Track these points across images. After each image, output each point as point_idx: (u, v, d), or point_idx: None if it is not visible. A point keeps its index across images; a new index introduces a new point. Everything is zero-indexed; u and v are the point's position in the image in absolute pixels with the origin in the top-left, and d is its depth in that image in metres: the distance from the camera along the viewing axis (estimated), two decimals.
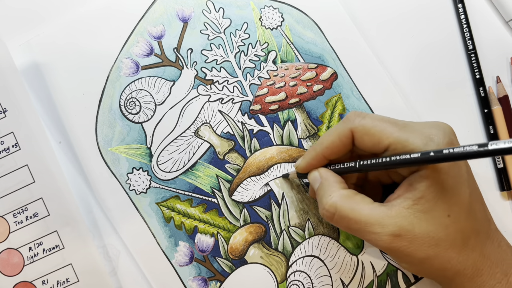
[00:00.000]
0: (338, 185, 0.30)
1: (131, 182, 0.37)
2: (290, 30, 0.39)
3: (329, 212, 0.29)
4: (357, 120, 0.30)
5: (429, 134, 0.28)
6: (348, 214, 0.28)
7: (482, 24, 0.40)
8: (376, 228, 0.27)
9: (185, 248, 0.36)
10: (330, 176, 0.31)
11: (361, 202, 0.29)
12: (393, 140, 0.28)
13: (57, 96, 0.37)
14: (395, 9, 0.40)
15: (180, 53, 0.38)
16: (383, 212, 0.28)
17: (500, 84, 0.39)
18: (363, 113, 0.30)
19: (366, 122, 0.29)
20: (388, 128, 0.28)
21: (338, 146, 0.31)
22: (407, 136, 0.28)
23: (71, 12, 0.39)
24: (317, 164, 0.32)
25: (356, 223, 0.28)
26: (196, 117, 0.38)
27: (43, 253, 0.35)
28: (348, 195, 0.29)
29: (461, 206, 0.28)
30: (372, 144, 0.29)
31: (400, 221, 0.27)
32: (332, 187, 0.30)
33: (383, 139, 0.28)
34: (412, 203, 0.27)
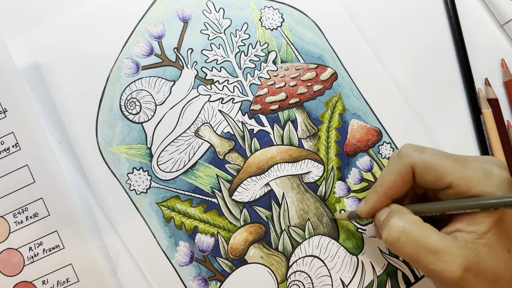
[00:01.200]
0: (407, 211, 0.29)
1: (132, 182, 0.37)
2: (290, 31, 0.39)
3: (396, 232, 0.28)
4: (415, 155, 0.29)
5: (490, 169, 0.28)
6: (417, 237, 0.27)
7: (477, 27, 0.40)
8: (445, 256, 0.27)
9: (185, 248, 0.36)
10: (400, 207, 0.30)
11: (430, 229, 0.28)
12: (456, 176, 0.27)
13: (57, 96, 0.37)
14: (395, 10, 0.40)
15: (181, 53, 0.38)
16: (452, 241, 0.27)
17: (489, 87, 0.39)
18: (419, 146, 0.29)
19: (426, 157, 0.29)
20: (450, 163, 0.28)
21: (400, 184, 0.30)
22: (470, 172, 0.27)
23: (72, 12, 0.39)
24: (381, 206, 0.31)
25: (424, 248, 0.27)
26: (196, 117, 0.38)
27: (43, 253, 0.35)
28: (418, 220, 0.29)
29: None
30: (434, 180, 0.28)
31: (468, 253, 0.27)
32: (401, 212, 0.29)
33: (446, 175, 0.28)
34: (476, 237, 0.27)
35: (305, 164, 0.38)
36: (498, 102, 0.39)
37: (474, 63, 0.40)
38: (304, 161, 0.38)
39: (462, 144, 0.39)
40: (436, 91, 0.40)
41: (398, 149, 0.31)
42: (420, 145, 0.30)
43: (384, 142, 0.38)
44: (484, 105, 0.39)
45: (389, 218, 0.29)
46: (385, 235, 0.29)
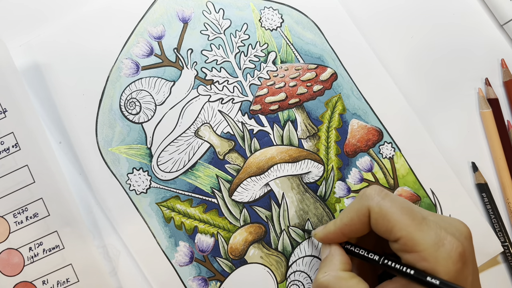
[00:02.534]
0: (340, 265, 0.30)
1: (131, 182, 0.37)
2: (290, 31, 0.39)
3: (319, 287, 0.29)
4: (375, 200, 0.29)
5: (443, 238, 0.27)
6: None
7: (477, 27, 0.40)
8: None
9: (185, 248, 0.36)
10: (337, 253, 0.31)
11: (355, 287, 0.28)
12: (405, 235, 0.27)
13: (57, 96, 0.37)
14: (394, 9, 0.40)
15: (180, 53, 0.38)
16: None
17: (489, 87, 0.39)
18: (384, 192, 0.29)
19: (384, 205, 0.28)
20: (404, 220, 0.27)
21: (356, 224, 0.30)
22: (420, 235, 0.27)
23: (71, 12, 0.39)
24: (334, 239, 0.31)
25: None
26: (196, 117, 0.38)
27: (43, 253, 0.35)
28: (343, 278, 0.29)
29: None
30: (385, 230, 0.28)
31: None
32: (332, 265, 0.30)
33: (396, 230, 0.27)
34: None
35: (305, 164, 0.38)
36: (498, 102, 0.39)
37: (474, 63, 0.40)
38: (304, 161, 0.38)
39: (462, 143, 0.39)
40: (436, 90, 0.40)
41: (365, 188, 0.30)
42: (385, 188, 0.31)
43: (385, 141, 0.38)
44: (484, 105, 0.39)
45: (320, 267, 0.30)
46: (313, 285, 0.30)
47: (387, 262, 0.29)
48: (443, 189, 0.38)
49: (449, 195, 0.38)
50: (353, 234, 0.31)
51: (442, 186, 0.38)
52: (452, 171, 0.38)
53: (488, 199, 0.38)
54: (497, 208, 0.38)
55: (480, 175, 0.38)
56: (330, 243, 0.32)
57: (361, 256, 0.30)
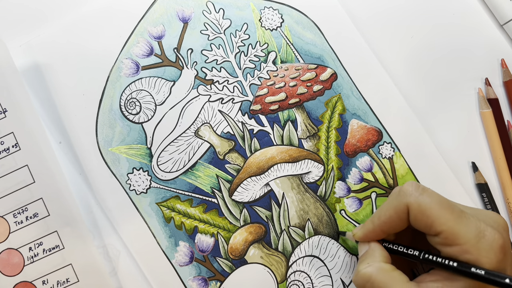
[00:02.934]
0: (381, 258, 0.30)
1: (131, 182, 0.37)
2: (290, 31, 0.39)
3: (362, 279, 0.29)
4: (413, 196, 0.29)
5: (484, 230, 0.27)
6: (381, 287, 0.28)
7: (477, 27, 0.40)
8: None
9: (185, 248, 0.36)
10: (378, 248, 0.31)
11: (397, 279, 0.28)
12: (446, 229, 0.27)
13: (57, 96, 0.37)
14: (394, 9, 0.40)
15: (180, 53, 0.38)
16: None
17: (489, 87, 0.39)
18: (421, 187, 0.29)
19: (423, 201, 0.28)
20: (444, 214, 0.28)
21: (395, 221, 0.30)
22: (461, 228, 0.27)
23: (71, 12, 0.39)
24: (374, 237, 0.32)
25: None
26: (196, 117, 0.38)
27: (43, 253, 0.35)
28: (386, 269, 0.29)
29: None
30: (425, 225, 0.28)
31: None
32: (374, 257, 0.30)
33: (436, 225, 0.28)
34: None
35: (305, 164, 0.38)
36: (498, 102, 0.39)
37: (474, 63, 0.40)
38: (304, 161, 0.38)
39: (462, 143, 0.39)
40: (435, 90, 0.40)
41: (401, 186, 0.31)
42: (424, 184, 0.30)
43: (384, 142, 0.38)
44: (484, 105, 0.39)
45: (361, 260, 0.30)
46: (354, 278, 0.30)
47: (428, 257, 0.29)
48: (442, 189, 0.38)
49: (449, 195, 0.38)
50: (392, 231, 0.31)
51: (441, 186, 0.38)
52: (452, 171, 0.38)
53: (488, 199, 0.38)
54: (497, 208, 0.38)
55: (480, 175, 0.38)
56: (369, 241, 0.32)
57: (400, 253, 0.31)
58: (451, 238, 0.27)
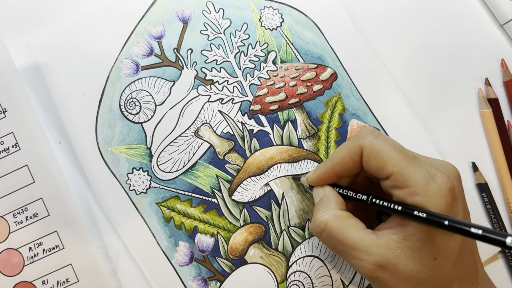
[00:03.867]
0: (336, 205, 0.30)
1: (131, 182, 0.37)
2: (290, 31, 0.39)
3: (318, 228, 0.29)
4: (368, 139, 0.29)
5: (433, 174, 0.27)
6: (336, 235, 0.29)
7: (477, 27, 0.40)
8: (362, 254, 0.28)
9: (185, 248, 0.36)
10: (332, 194, 0.31)
11: (353, 226, 0.29)
12: (397, 170, 0.28)
13: (57, 96, 0.37)
14: (394, 9, 0.40)
15: (180, 53, 0.38)
16: (371, 240, 0.28)
17: (489, 87, 0.39)
18: (376, 132, 0.30)
19: (376, 143, 0.29)
20: (396, 157, 0.28)
21: (348, 162, 0.30)
22: (412, 171, 0.27)
23: (71, 12, 0.39)
24: (326, 179, 0.32)
25: (342, 245, 0.28)
26: (196, 117, 0.38)
27: (43, 253, 0.35)
28: (341, 217, 0.29)
29: (450, 252, 0.28)
30: (377, 167, 0.29)
31: (386, 253, 0.27)
32: (329, 205, 0.30)
33: (388, 166, 0.28)
34: (402, 238, 0.27)
35: (304, 164, 0.38)
36: (498, 102, 0.39)
37: (474, 63, 0.40)
38: (304, 161, 0.38)
39: (462, 143, 0.39)
40: (435, 90, 0.40)
41: None
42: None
43: None
44: (484, 105, 0.39)
45: (317, 209, 0.30)
46: (311, 226, 0.30)
47: (375, 201, 0.29)
48: None
49: None
50: (344, 173, 0.31)
51: None
52: None
53: (488, 199, 0.38)
54: (497, 208, 0.38)
55: (480, 175, 0.38)
56: (322, 184, 0.32)
57: (350, 198, 0.31)
58: (401, 179, 0.28)
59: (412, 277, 0.27)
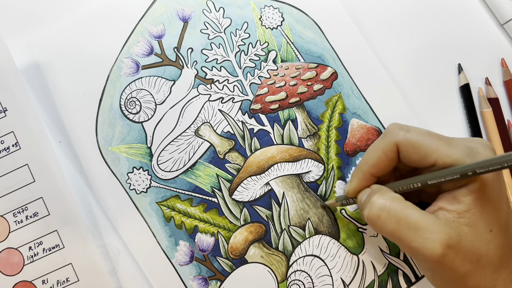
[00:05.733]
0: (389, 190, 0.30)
1: (132, 182, 0.37)
2: (290, 30, 0.39)
3: (377, 209, 0.28)
4: (401, 134, 0.29)
5: (475, 148, 0.28)
6: (398, 214, 0.28)
7: (477, 26, 0.40)
8: (426, 233, 0.27)
9: (186, 248, 0.36)
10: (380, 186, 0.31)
11: (412, 206, 0.28)
12: (441, 154, 0.28)
13: (57, 95, 0.37)
14: (395, 9, 0.40)
15: (181, 52, 0.38)
16: (433, 219, 0.27)
17: (489, 86, 0.39)
18: (405, 126, 0.30)
19: (411, 136, 0.29)
20: (434, 142, 0.28)
21: (384, 161, 0.30)
22: (454, 150, 0.28)
23: (72, 12, 0.39)
24: (366, 184, 0.32)
25: (405, 225, 0.27)
26: (197, 117, 0.38)
27: (43, 252, 0.35)
28: (399, 198, 0.29)
29: (501, 222, 0.28)
30: (419, 158, 0.29)
31: (449, 231, 0.27)
32: (382, 190, 0.30)
33: (430, 153, 0.28)
34: (457, 216, 0.27)
35: (305, 163, 0.38)
36: (498, 101, 0.39)
37: (474, 63, 0.40)
38: (304, 160, 0.38)
39: None
40: (436, 90, 0.40)
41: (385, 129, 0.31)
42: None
43: None
44: (484, 104, 0.39)
45: (370, 196, 0.30)
46: (366, 212, 0.29)
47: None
48: None
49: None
50: (381, 173, 0.31)
51: None
52: None
53: None
54: None
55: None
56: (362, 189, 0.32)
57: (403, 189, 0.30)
58: (448, 162, 0.28)
59: (472, 253, 0.27)
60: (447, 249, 0.26)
